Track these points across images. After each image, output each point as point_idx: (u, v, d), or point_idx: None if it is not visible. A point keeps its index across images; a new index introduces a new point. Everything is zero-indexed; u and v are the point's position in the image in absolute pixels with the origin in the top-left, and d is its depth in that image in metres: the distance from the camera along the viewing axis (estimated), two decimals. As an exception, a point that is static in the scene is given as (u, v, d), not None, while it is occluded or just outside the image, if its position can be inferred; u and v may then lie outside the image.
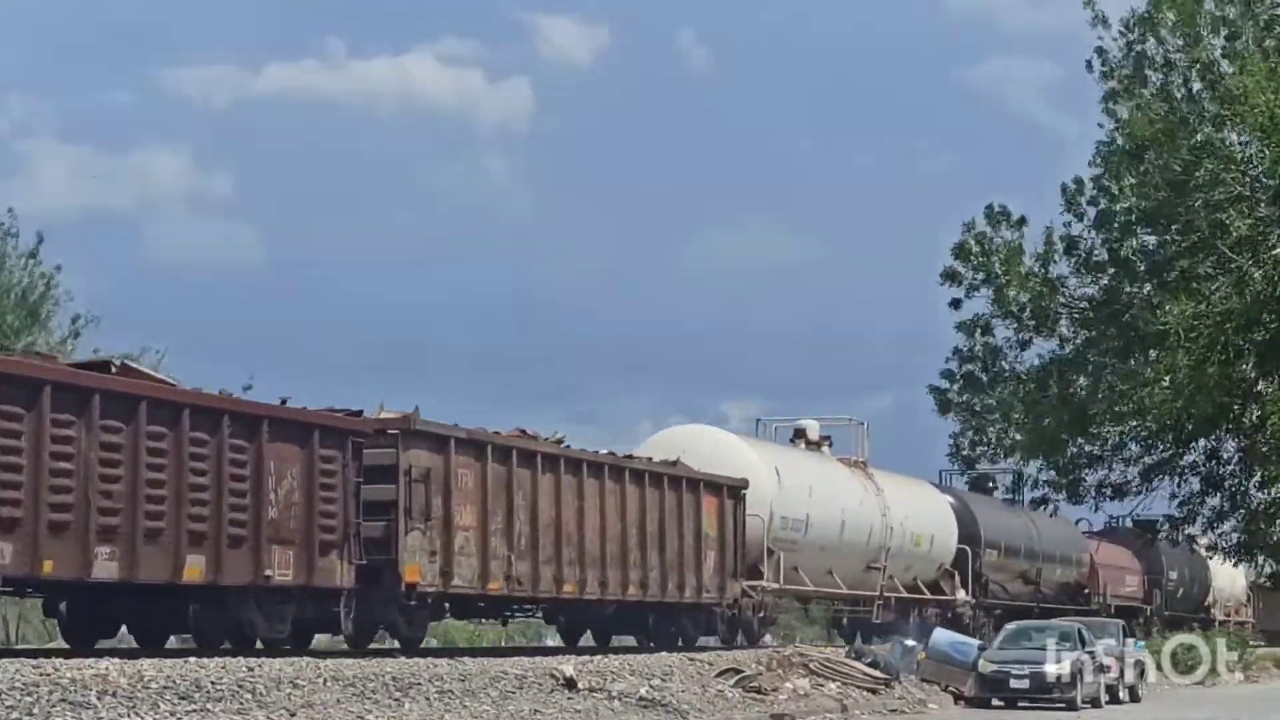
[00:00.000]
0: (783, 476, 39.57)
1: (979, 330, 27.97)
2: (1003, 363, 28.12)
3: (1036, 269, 27.31)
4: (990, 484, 54.76)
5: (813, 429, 45.54)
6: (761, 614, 38.42)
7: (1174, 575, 67.39)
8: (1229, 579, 75.97)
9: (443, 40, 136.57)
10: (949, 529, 48.95)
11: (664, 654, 31.60)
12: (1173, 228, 25.33)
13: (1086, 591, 58.70)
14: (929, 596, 47.66)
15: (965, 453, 29.09)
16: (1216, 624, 72.65)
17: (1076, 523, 58.92)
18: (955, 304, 28.01)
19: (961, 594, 48.60)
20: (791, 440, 45.26)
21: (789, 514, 39.40)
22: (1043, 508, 31.17)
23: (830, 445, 45.72)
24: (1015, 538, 53.57)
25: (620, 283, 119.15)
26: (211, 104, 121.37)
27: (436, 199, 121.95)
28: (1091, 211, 27.12)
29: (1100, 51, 26.55)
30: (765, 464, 39.32)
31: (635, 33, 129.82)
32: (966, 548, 48.76)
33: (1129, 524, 57.08)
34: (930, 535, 47.64)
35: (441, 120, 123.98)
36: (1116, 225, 26.59)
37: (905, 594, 46.02)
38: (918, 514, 47.30)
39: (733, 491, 36.96)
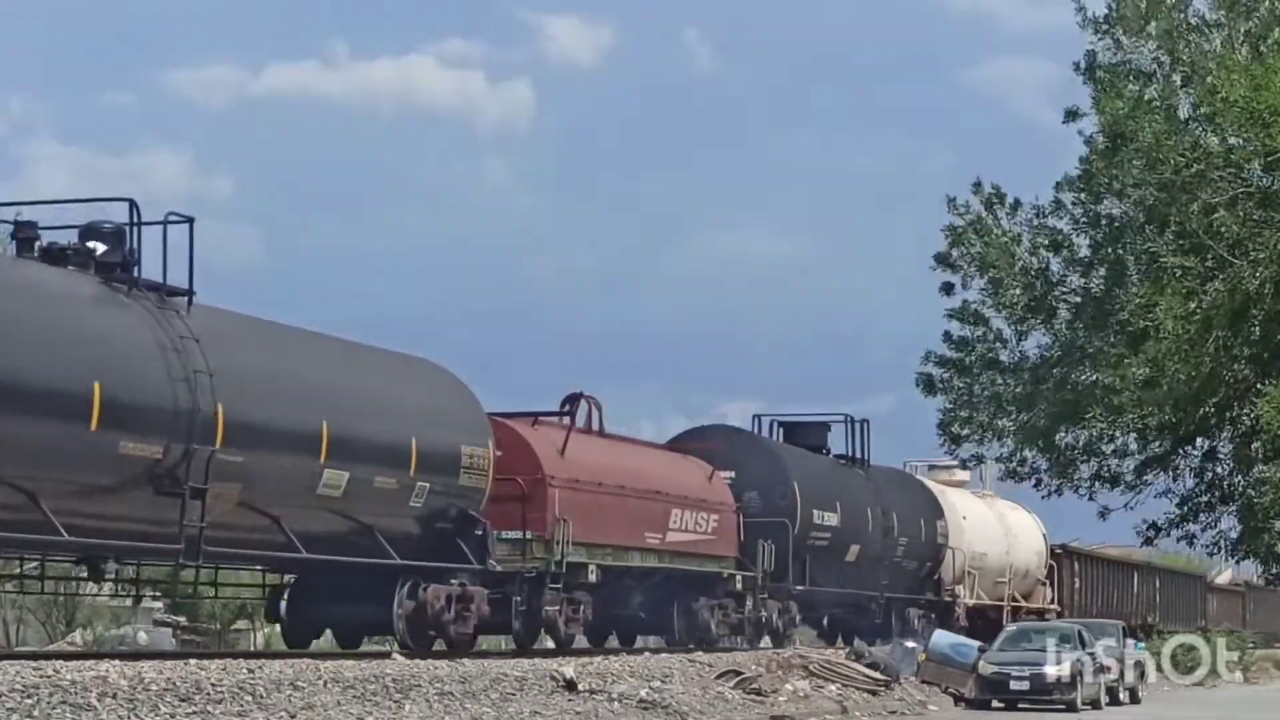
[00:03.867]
0: None
1: (971, 320, 28.09)
2: (997, 351, 28.25)
3: (1032, 264, 27.44)
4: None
5: None
6: None
7: (828, 518, 38.04)
8: (997, 537, 47.12)
9: (447, 41, 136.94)
10: None
11: (664, 655, 31.62)
12: (1167, 231, 25.42)
13: (482, 534, 27.18)
14: None
15: (954, 430, 29.14)
16: (959, 619, 43.86)
17: (548, 415, 31.15)
18: (947, 288, 28.12)
19: None
20: None
21: None
22: None
23: None
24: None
25: (620, 283, 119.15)
26: (212, 105, 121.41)
27: (437, 199, 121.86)
28: (1079, 211, 27.31)
29: (1091, 55, 26.73)
30: None
31: (639, 32, 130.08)
32: None
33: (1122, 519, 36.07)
34: None
35: (442, 121, 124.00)
36: (1104, 229, 26.74)
37: None
38: None
39: None
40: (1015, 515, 49.92)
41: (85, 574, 23.46)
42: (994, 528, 48.07)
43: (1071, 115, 27.14)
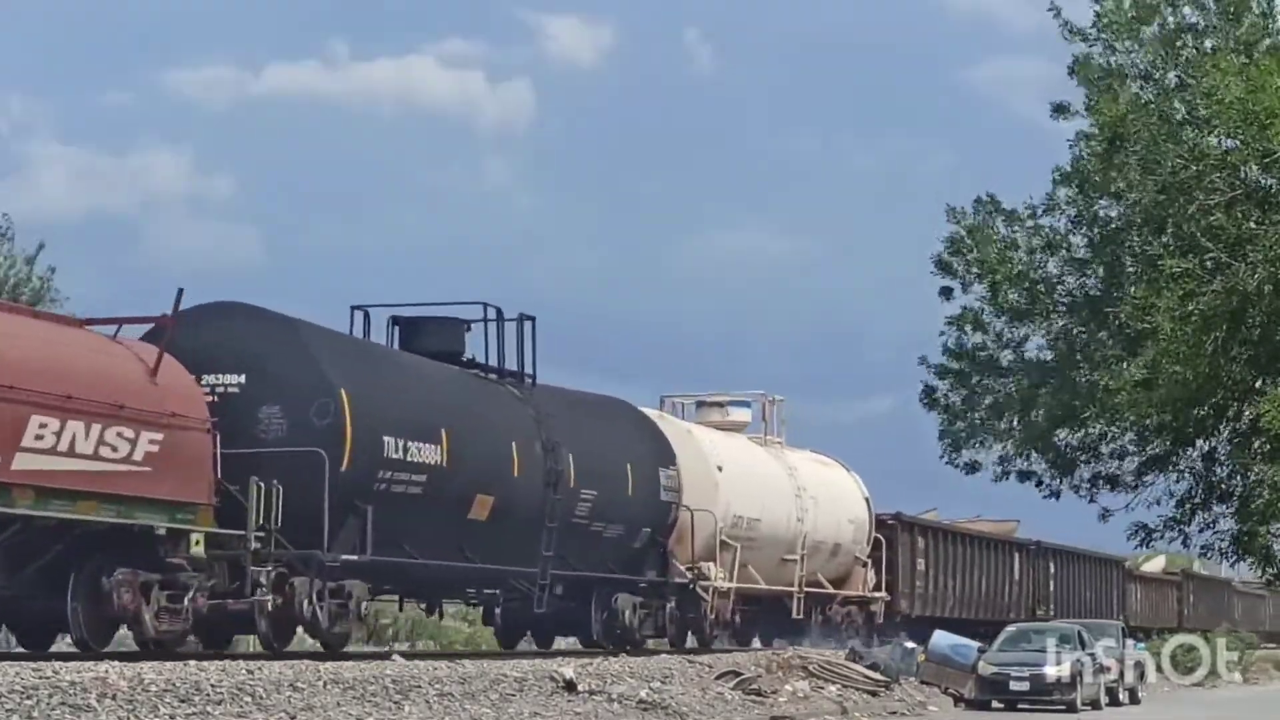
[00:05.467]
0: None
1: (970, 325, 28.09)
2: (998, 355, 28.24)
3: (1030, 267, 27.45)
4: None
5: None
6: None
7: (420, 452, 24.90)
8: (781, 497, 34.48)
9: (448, 41, 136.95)
10: None
11: (664, 656, 31.63)
12: (1165, 232, 25.44)
13: None
14: None
15: (955, 436, 29.08)
16: (709, 611, 32.35)
17: None
18: (946, 293, 28.13)
19: None
20: None
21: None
22: None
23: None
24: None
25: (620, 282, 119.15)
26: (213, 105, 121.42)
27: (437, 199, 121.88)
28: (1073, 211, 27.34)
29: (1077, 61, 26.72)
30: None
31: (639, 32, 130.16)
32: None
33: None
34: None
35: (442, 121, 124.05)
36: (1102, 231, 26.76)
37: None
38: None
39: None
40: (819, 471, 36.89)
41: None
42: (777, 484, 34.65)
43: (1061, 110, 27.10)
